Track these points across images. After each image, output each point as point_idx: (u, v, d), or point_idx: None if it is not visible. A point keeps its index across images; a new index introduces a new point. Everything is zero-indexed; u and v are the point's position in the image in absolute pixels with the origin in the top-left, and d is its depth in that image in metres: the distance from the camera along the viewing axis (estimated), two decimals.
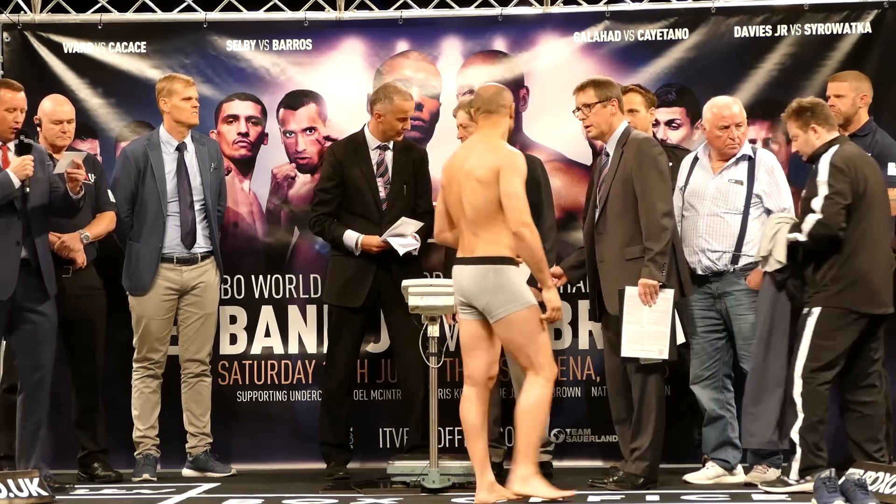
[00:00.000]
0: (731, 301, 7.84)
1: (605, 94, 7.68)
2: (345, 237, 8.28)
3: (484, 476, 7.06)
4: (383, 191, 8.38)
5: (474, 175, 7.04)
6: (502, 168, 7.00)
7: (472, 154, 7.15)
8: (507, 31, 9.01)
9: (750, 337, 7.75)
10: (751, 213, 7.84)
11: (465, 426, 7.15)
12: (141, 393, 8.45)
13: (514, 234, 6.96)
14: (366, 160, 8.38)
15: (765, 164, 7.90)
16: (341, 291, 8.36)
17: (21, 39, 9.05)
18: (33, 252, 7.66)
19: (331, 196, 8.37)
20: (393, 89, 8.36)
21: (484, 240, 7.02)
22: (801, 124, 7.52)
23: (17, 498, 7.14)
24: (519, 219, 6.95)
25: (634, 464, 7.57)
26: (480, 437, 7.10)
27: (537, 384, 7.03)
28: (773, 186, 7.85)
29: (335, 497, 7.49)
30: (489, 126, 7.20)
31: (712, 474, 7.85)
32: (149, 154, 8.46)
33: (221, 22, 9.08)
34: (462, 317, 7.18)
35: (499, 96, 7.24)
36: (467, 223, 7.08)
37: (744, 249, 7.83)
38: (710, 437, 7.91)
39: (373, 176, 8.37)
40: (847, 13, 8.78)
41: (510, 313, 6.98)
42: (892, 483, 6.83)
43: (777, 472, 7.68)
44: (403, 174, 8.40)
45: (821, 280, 7.37)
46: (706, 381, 7.90)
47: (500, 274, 7.00)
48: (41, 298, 7.69)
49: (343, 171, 8.35)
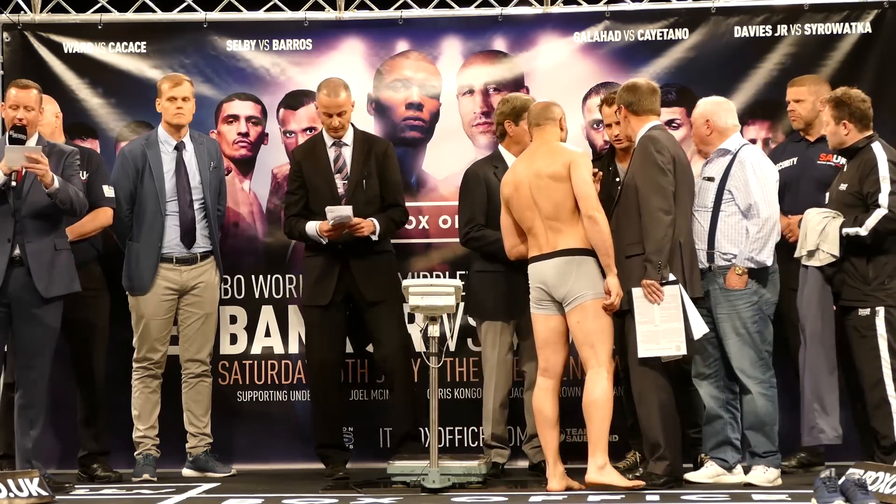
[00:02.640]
0: (712, 299, 7.79)
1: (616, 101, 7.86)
2: (307, 228, 8.30)
3: (556, 466, 7.55)
4: (342, 186, 8.38)
5: (546, 174, 7.55)
6: (572, 161, 7.54)
7: (536, 158, 7.63)
8: (507, 31, 9.01)
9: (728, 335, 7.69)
10: (723, 209, 7.76)
11: (540, 417, 7.62)
12: (141, 393, 8.45)
13: (587, 218, 7.46)
14: (322, 158, 8.40)
15: (739, 158, 7.79)
16: (311, 291, 8.40)
17: (21, 39, 9.05)
18: (24, 251, 7.65)
19: (297, 198, 8.42)
20: (324, 84, 8.40)
21: (564, 234, 7.53)
22: (836, 116, 7.57)
23: (17, 498, 7.13)
24: (592, 204, 7.48)
25: (656, 463, 7.59)
26: (554, 428, 7.59)
27: (602, 377, 7.49)
28: (742, 181, 7.75)
29: (335, 497, 7.49)
30: (541, 136, 7.71)
31: (711, 473, 7.84)
32: (147, 153, 8.45)
33: (221, 22, 9.08)
34: (539, 312, 7.62)
35: (547, 110, 7.74)
36: (545, 221, 7.55)
37: (718, 247, 7.74)
38: (708, 435, 7.90)
39: (330, 173, 8.38)
40: (847, 13, 8.78)
41: (587, 300, 7.48)
42: (892, 483, 6.82)
43: (777, 471, 7.70)
44: (362, 168, 8.39)
45: (875, 277, 7.40)
46: (708, 379, 7.88)
47: (581, 264, 7.52)
48: (37, 300, 7.68)
49: (303, 173, 8.39)
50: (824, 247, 7.48)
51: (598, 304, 7.49)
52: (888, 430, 7.38)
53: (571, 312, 7.51)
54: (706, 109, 7.93)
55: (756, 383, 7.70)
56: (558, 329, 7.59)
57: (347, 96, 8.38)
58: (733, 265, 7.68)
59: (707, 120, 7.89)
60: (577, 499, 7.28)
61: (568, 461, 7.68)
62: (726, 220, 7.75)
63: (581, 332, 7.52)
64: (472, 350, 8.82)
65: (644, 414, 7.61)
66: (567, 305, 7.51)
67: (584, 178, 7.50)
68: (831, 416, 7.57)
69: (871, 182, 7.44)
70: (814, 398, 7.60)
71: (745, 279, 7.68)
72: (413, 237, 8.94)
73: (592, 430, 7.47)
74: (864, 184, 7.47)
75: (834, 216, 7.52)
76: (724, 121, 7.88)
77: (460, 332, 8.82)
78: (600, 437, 7.46)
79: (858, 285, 7.44)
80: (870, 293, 7.41)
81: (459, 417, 8.75)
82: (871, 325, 7.40)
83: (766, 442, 7.72)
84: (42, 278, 7.68)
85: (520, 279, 7.78)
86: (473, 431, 8.69)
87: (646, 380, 7.58)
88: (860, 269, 7.45)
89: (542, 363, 7.65)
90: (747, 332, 7.70)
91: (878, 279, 7.41)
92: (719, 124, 7.87)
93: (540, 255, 7.56)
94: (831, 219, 7.51)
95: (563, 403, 7.73)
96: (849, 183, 7.54)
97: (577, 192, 7.47)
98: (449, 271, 8.78)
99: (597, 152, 8.63)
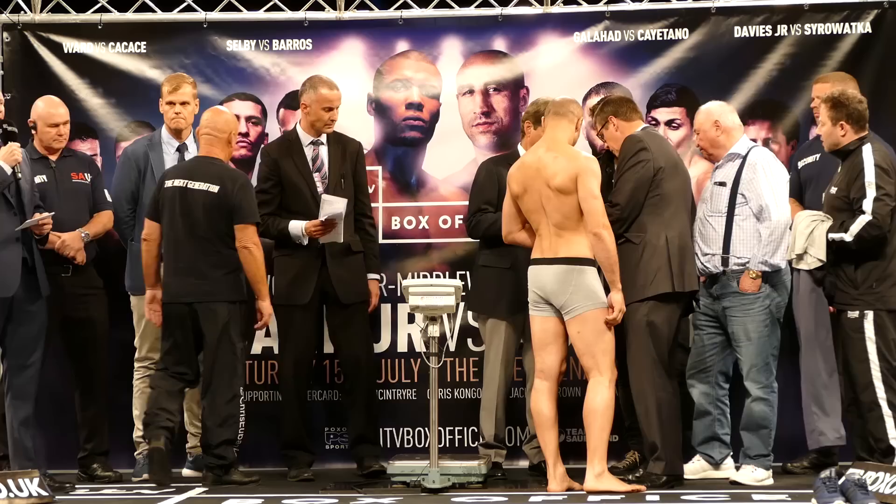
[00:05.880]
0: (727, 303, 7.83)
1: (600, 119, 7.88)
2: (290, 227, 8.22)
3: (556, 467, 7.53)
4: (321, 185, 8.34)
5: (554, 185, 7.46)
6: (580, 173, 7.43)
7: (547, 163, 7.52)
8: (507, 31, 9.01)
9: (741, 339, 7.76)
10: (737, 213, 7.79)
11: (539, 418, 7.59)
12: (142, 393, 8.44)
13: (593, 235, 7.41)
14: (300, 156, 8.36)
15: (749, 161, 7.83)
16: (288, 290, 8.31)
17: (21, 39, 9.05)
18: (30, 251, 7.66)
19: (270, 196, 8.32)
20: (319, 80, 8.37)
21: (569, 241, 7.47)
22: (833, 116, 7.53)
23: (17, 498, 7.13)
24: (598, 220, 7.41)
25: (654, 463, 7.60)
26: (553, 428, 7.56)
27: (603, 386, 7.45)
28: (751, 184, 7.79)
29: (335, 497, 7.49)
30: (555, 129, 7.60)
31: (697, 468, 7.91)
32: (149, 154, 8.46)
33: (221, 22, 9.08)
34: (536, 314, 7.57)
35: (571, 104, 7.70)
36: (551, 226, 7.49)
37: (734, 251, 7.79)
38: (697, 430, 7.96)
39: (308, 171, 8.34)
40: (847, 13, 8.78)
41: (587, 310, 7.44)
42: (892, 483, 6.82)
43: (766, 473, 7.73)
44: (340, 168, 8.36)
45: (863, 280, 7.39)
46: (700, 375, 7.93)
47: (582, 273, 7.46)
48: (34, 298, 7.69)
49: (279, 170, 8.34)
50: (811, 251, 7.48)
51: (597, 314, 7.45)
52: (882, 433, 7.36)
53: (571, 322, 7.50)
54: (713, 111, 7.95)
55: (758, 387, 7.72)
56: (554, 330, 7.57)
57: None
58: (747, 269, 7.70)
59: (716, 121, 7.90)
60: (577, 499, 7.28)
61: (568, 461, 7.68)
62: (741, 224, 7.78)
63: (582, 343, 7.50)
64: (472, 350, 8.83)
65: (642, 414, 7.62)
66: (566, 314, 7.50)
67: (591, 192, 7.43)
68: (832, 417, 7.57)
69: (857, 187, 7.41)
70: (812, 401, 7.62)
71: (758, 283, 7.70)
72: (413, 237, 8.94)
73: (591, 437, 7.46)
74: (851, 188, 7.46)
75: (822, 220, 7.51)
76: (731, 121, 7.93)
77: (460, 332, 8.83)
78: (598, 445, 7.44)
79: (848, 289, 7.43)
80: (858, 297, 7.40)
81: (459, 417, 8.75)
82: (860, 328, 7.38)
83: (759, 445, 7.74)
84: (43, 277, 7.72)
85: (523, 276, 7.75)
86: (473, 431, 8.68)
87: (644, 379, 7.59)
88: (849, 273, 7.44)
89: (539, 364, 7.64)
90: (757, 337, 7.73)
91: (867, 283, 7.39)
92: (728, 124, 7.90)
93: (541, 259, 7.54)
94: (819, 222, 7.50)
95: (562, 403, 7.73)
96: (839, 186, 7.53)
97: (584, 206, 7.42)
98: (449, 271, 8.78)
99: (596, 152, 8.62)
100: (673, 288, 7.61)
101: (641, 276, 7.59)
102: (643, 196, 7.64)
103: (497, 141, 8.92)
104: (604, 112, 7.86)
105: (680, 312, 7.75)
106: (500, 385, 8.20)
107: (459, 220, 8.85)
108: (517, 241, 7.74)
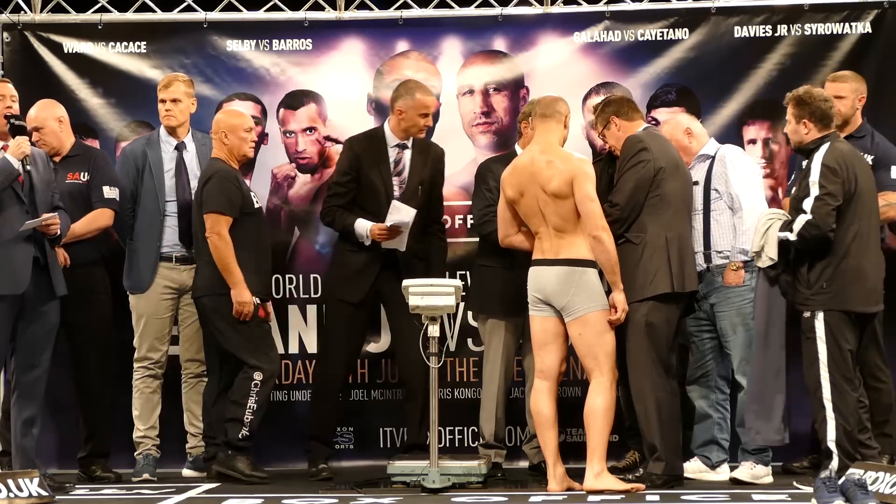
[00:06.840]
0: (713, 299, 7.88)
1: (602, 119, 7.88)
2: (356, 224, 8.19)
3: (556, 467, 7.53)
4: (398, 190, 8.32)
5: (549, 190, 7.47)
6: (575, 177, 7.45)
7: (541, 167, 7.52)
8: (507, 31, 9.01)
9: (728, 333, 7.80)
10: (713, 208, 7.86)
11: (539, 418, 7.60)
12: (141, 393, 8.45)
13: (592, 238, 7.42)
14: (384, 158, 8.32)
15: (718, 157, 7.94)
16: (341, 285, 8.31)
17: (21, 39, 9.05)
18: (42, 250, 7.66)
19: (345, 190, 8.29)
20: (415, 85, 8.33)
21: (570, 242, 7.47)
22: (797, 114, 7.52)
23: (17, 498, 7.13)
24: (596, 223, 7.43)
25: (654, 463, 7.61)
26: (553, 428, 7.56)
27: (603, 387, 7.47)
28: (721, 178, 7.86)
29: (335, 497, 7.49)
30: (545, 132, 7.57)
31: (694, 469, 7.92)
32: (147, 153, 8.46)
33: (221, 22, 9.09)
34: (536, 314, 7.57)
35: (556, 103, 7.68)
36: (550, 229, 7.50)
37: (714, 246, 7.84)
38: (697, 433, 7.98)
39: (389, 174, 8.31)
40: (847, 13, 8.79)
41: (589, 312, 7.44)
42: (892, 483, 6.83)
43: (766, 469, 7.74)
44: (420, 174, 8.34)
45: (815, 280, 7.37)
46: (700, 380, 7.98)
47: (583, 275, 7.46)
48: (47, 298, 7.68)
49: (360, 167, 8.30)
50: (766, 249, 7.48)
51: (599, 316, 7.47)
52: (823, 434, 7.33)
53: (572, 323, 7.51)
54: (682, 121, 8.14)
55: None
56: (554, 330, 7.58)
57: None
58: (729, 262, 7.72)
59: (687, 129, 8.07)
60: (577, 499, 7.28)
61: (568, 461, 7.68)
62: (717, 219, 7.86)
63: (583, 345, 7.51)
64: (473, 350, 8.83)
65: (642, 414, 7.62)
66: (567, 316, 7.51)
67: (587, 195, 7.44)
68: (773, 417, 7.52)
69: (803, 186, 7.41)
70: (753, 399, 7.58)
71: (741, 274, 7.76)
72: None
73: (591, 437, 7.47)
74: (799, 187, 7.48)
75: (779, 218, 7.51)
76: (698, 128, 8.10)
77: (460, 332, 8.83)
78: (598, 446, 7.45)
79: (802, 289, 7.42)
80: (811, 297, 7.37)
81: (459, 417, 8.75)
82: (812, 328, 7.36)
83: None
84: (58, 277, 7.71)
85: (523, 276, 7.74)
86: (473, 431, 8.69)
87: (644, 380, 7.59)
88: (803, 272, 7.42)
89: (538, 364, 7.65)
90: (745, 330, 7.75)
91: (818, 283, 7.37)
92: (698, 131, 8.06)
93: (542, 260, 7.55)
94: (776, 221, 7.50)
95: (562, 403, 7.73)
96: (797, 185, 7.54)
97: (581, 209, 7.43)
98: (449, 271, 8.77)
99: (597, 152, 8.63)
100: (672, 288, 7.61)
101: (641, 276, 7.60)
102: (643, 196, 7.64)
103: (497, 141, 8.93)
104: (605, 112, 7.86)
105: (680, 313, 7.75)
106: (499, 385, 8.20)
107: (459, 220, 8.86)
108: (514, 244, 7.75)
